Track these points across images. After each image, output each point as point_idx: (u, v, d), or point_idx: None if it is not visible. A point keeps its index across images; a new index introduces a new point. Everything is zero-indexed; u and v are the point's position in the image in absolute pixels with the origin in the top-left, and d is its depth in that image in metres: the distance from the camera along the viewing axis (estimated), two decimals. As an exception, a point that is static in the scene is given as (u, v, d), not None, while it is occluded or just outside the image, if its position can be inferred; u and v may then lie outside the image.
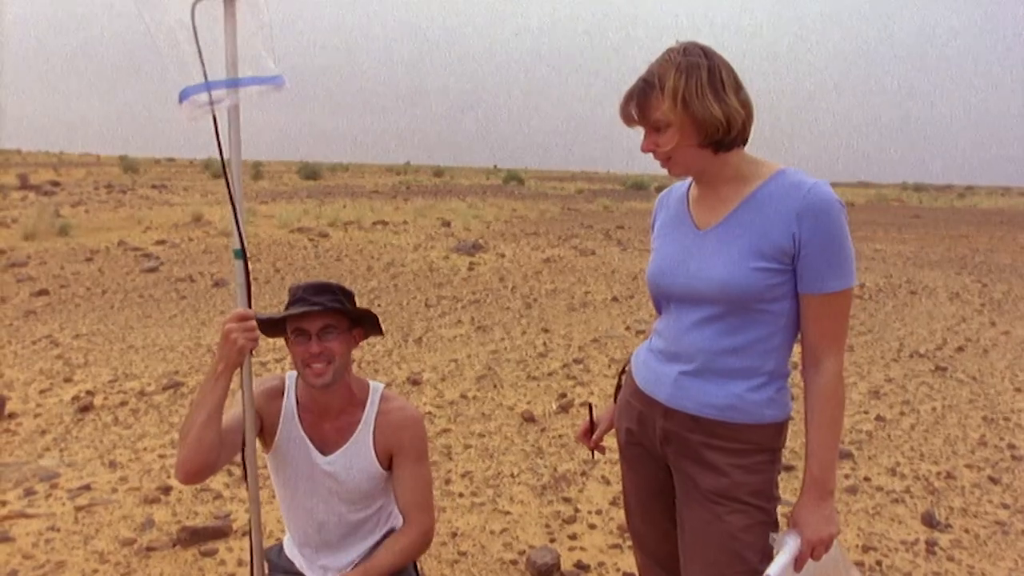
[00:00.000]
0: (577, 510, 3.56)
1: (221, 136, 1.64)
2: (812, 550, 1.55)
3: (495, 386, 5.52)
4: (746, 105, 1.53)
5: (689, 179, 1.78)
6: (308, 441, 1.96)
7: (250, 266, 1.71)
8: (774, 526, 1.66)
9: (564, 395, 5.29)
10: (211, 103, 1.58)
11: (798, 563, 1.55)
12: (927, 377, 6.07)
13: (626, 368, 1.95)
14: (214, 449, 1.73)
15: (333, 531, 2.02)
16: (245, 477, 1.80)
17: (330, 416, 1.97)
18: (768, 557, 1.61)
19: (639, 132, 1.61)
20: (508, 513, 3.52)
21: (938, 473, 4.13)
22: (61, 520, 3.34)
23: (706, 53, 1.51)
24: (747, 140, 1.58)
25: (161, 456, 4.05)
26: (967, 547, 3.33)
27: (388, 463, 2.03)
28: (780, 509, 1.68)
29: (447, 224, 18.10)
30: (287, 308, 1.87)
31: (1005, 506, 3.75)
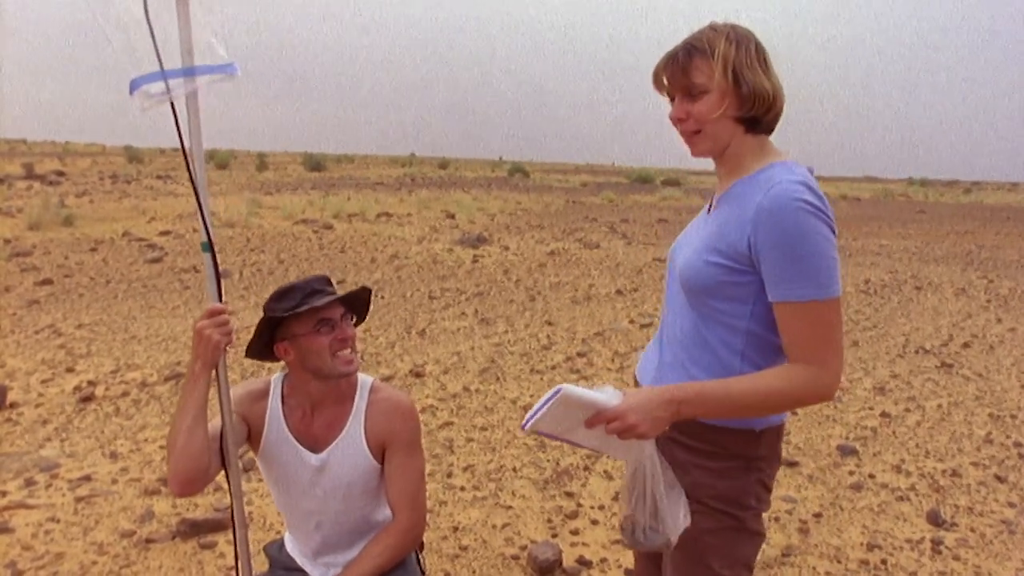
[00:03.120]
0: (579, 505, 3.53)
1: (181, 125, 1.60)
2: (615, 418, 1.35)
3: (498, 379, 5.50)
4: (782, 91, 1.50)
5: None
6: (296, 441, 1.92)
7: (255, 257, 1.69)
8: (749, 535, 1.56)
9: (567, 389, 5.26)
10: (168, 92, 1.55)
11: (594, 420, 1.38)
12: (933, 373, 6.03)
13: None
14: (204, 454, 1.70)
15: (331, 529, 1.99)
16: (227, 475, 1.77)
17: (321, 411, 1.94)
18: (744, 568, 1.55)
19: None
20: (510, 507, 3.49)
21: (943, 471, 4.10)
22: (61, 511, 3.32)
23: (750, 32, 1.49)
24: (773, 129, 1.53)
25: (162, 447, 4.04)
26: (973, 546, 3.30)
27: (382, 456, 1.99)
28: (777, 512, 1.62)
29: (451, 216, 18.07)
30: (299, 304, 1.83)
31: (1011, 505, 3.72)
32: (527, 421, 1.40)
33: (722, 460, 1.52)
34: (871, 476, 3.99)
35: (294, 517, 2.01)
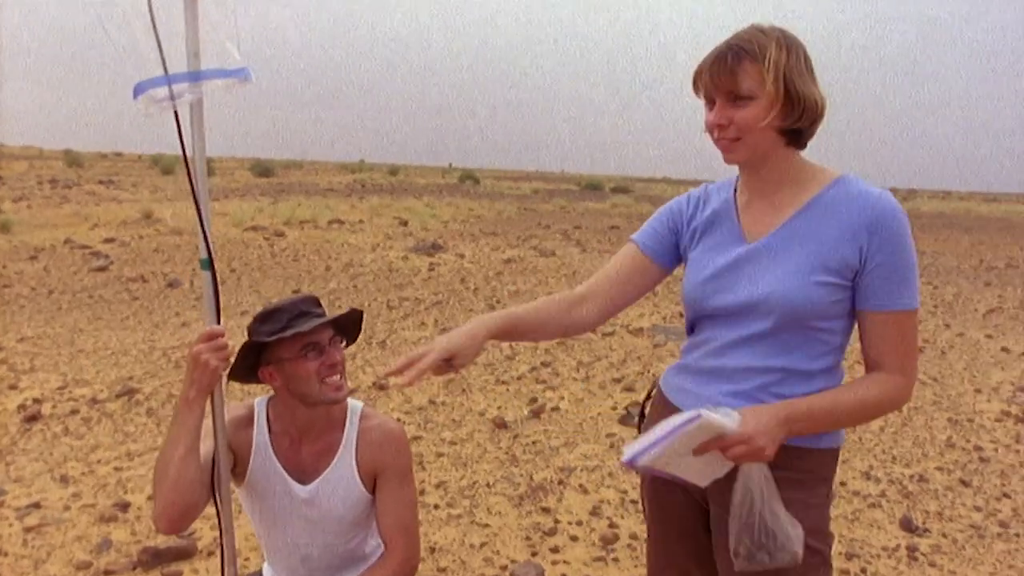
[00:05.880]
0: (557, 521, 3.46)
1: (183, 134, 1.50)
2: (738, 443, 1.31)
3: (463, 391, 5.40)
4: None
5: (734, 182, 1.60)
6: (284, 471, 1.82)
7: None
8: (829, 570, 1.49)
9: (535, 399, 5.20)
10: (172, 98, 1.44)
11: (707, 445, 1.31)
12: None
13: (651, 394, 1.78)
14: (196, 486, 1.58)
15: (319, 563, 1.88)
16: (217, 508, 1.66)
17: (309, 439, 1.83)
18: None
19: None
20: (487, 526, 3.40)
21: (911, 476, 4.15)
22: (8, 543, 3.11)
23: (798, 39, 1.42)
24: (808, 143, 1.48)
25: (117, 469, 3.83)
26: (947, 552, 3.33)
27: (373, 485, 1.90)
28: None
29: (404, 223, 17.88)
30: (285, 327, 1.72)
31: (978, 509, 3.78)
32: (637, 455, 1.31)
33: (811, 487, 1.48)
34: (843, 483, 4.01)
35: (278, 550, 1.89)
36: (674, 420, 1.29)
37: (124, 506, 3.43)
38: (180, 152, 1.47)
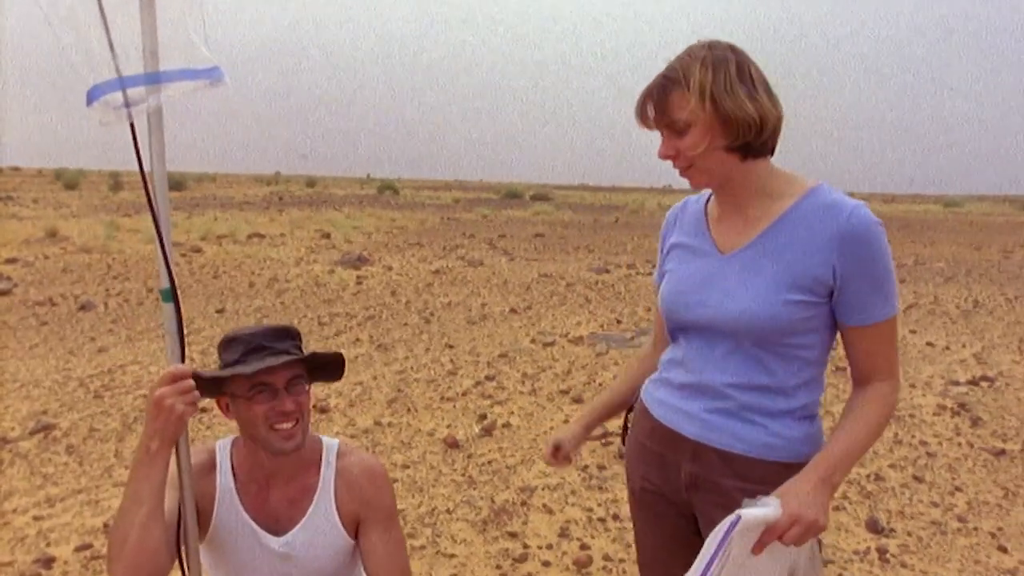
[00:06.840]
0: (526, 546, 3.30)
1: (140, 145, 1.29)
2: (790, 526, 1.24)
3: (409, 410, 5.18)
4: (777, 108, 1.39)
5: (706, 193, 1.62)
6: (253, 522, 1.61)
7: (119, 286, 1.41)
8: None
9: (484, 416, 5.02)
10: (127, 104, 1.23)
11: (761, 541, 1.25)
12: (830, 378, 6.23)
13: (633, 407, 1.74)
14: (162, 548, 1.37)
15: None
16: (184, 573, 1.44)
17: (279, 484, 1.63)
18: None
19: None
20: (453, 556, 3.21)
21: (867, 476, 4.17)
22: (-86, 609, 2.76)
23: (733, 49, 1.37)
24: (774, 149, 1.44)
25: (36, 518, 3.46)
26: (915, 551, 3.33)
27: (356, 531, 1.70)
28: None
29: (327, 236, 17.43)
30: (241, 358, 1.51)
31: (935, 504, 3.81)
32: None
33: None
34: (803, 487, 4.00)
35: (249, 615, 1.67)
36: (716, 532, 1.23)
37: (47, 561, 3.07)
38: (137, 168, 1.26)
